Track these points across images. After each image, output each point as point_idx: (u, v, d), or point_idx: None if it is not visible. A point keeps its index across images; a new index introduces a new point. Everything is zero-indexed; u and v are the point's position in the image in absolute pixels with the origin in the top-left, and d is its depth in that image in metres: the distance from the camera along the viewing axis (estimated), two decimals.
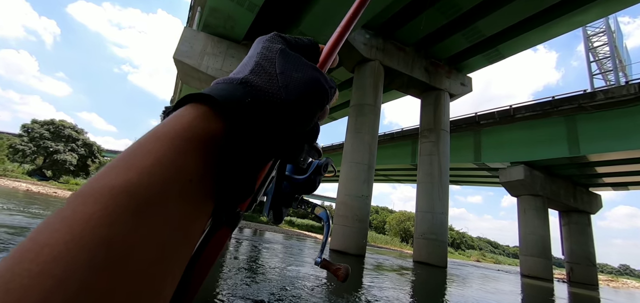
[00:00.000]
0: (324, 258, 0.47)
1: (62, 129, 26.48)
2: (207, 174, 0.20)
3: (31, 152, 24.41)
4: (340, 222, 11.43)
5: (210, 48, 11.31)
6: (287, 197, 0.42)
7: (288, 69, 0.25)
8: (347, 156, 12.11)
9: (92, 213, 0.14)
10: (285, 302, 3.13)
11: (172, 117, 0.20)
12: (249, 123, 0.22)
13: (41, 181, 22.26)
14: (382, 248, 27.06)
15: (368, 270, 7.32)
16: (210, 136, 0.20)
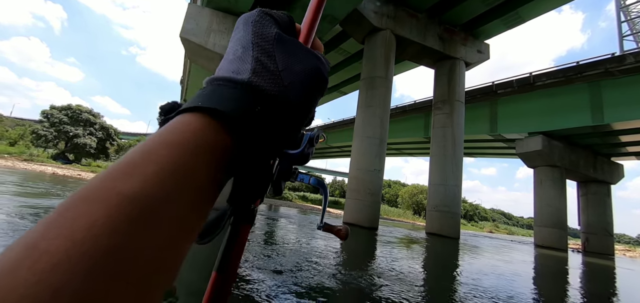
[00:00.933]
0: (325, 222, 0.49)
1: (79, 113, 27.26)
2: (214, 183, 0.20)
3: (53, 137, 25.37)
4: (352, 196, 11.55)
5: (215, 25, 11.14)
6: (286, 172, 0.40)
7: (289, 62, 0.25)
8: (358, 131, 12.02)
9: (95, 220, 0.13)
10: (303, 272, 3.24)
11: (179, 124, 0.20)
12: (261, 133, 0.22)
13: (65, 164, 23.27)
14: (395, 221, 27.36)
15: (381, 242, 7.45)
16: (220, 147, 0.20)
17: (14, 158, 21.03)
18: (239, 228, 0.32)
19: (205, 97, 0.21)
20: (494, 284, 4.09)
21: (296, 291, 2.62)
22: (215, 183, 0.20)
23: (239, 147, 0.21)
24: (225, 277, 0.32)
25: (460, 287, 3.80)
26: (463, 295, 3.28)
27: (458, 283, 4.13)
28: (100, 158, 27.85)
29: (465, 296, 3.25)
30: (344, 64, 17.80)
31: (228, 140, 0.20)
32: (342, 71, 18.41)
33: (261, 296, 2.41)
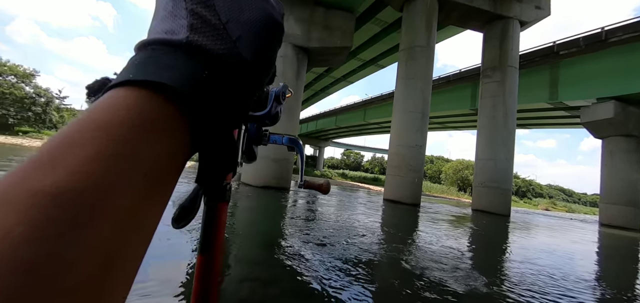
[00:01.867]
0: (305, 180, 0.49)
1: None
2: (165, 164, 0.17)
3: None
4: (393, 173, 11.31)
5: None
6: (256, 135, 0.41)
7: (233, 12, 0.20)
8: (398, 105, 11.56)
9: (11, 228, 0.11)
10: (345, 245, 3.30)
11: (110, 102, 0.16)
12: (214, 102, 0.19)
13: None
14: (438, 197, 26.41)
15: (423, 218, 7.26)
16: (165, 124, 0.17)
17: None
18: (215, 207, 0.31)
19: (138, 66, 0.18)
20: (550, 263, 3.78)
21: (340, 264, 2.68)
22: (169, 164, 0.17)
23: (190, 121, 0.18)
24: (210, 257, 0.32)
25: (511, 264, 3.58)
26: (514, 273, 3.09)
27: (508, 260, 3.89)
28: None
29: (516, 274, 3.05)
30: (381, 35, 16.99)
31: (175, 115, 0.17)
32: (380, 43, 17.61)
33: (308, 267, 2.51)
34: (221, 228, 0.32)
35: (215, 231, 0.31)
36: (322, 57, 12.53)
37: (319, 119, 37.66)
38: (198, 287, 0.32)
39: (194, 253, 2.60)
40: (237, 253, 2.76)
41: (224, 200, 0.31)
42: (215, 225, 0.31)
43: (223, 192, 0.30)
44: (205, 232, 0.31)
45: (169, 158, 0.17)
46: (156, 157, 0.16)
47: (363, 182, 37.19)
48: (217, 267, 0.32)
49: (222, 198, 0.31)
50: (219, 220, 0.32)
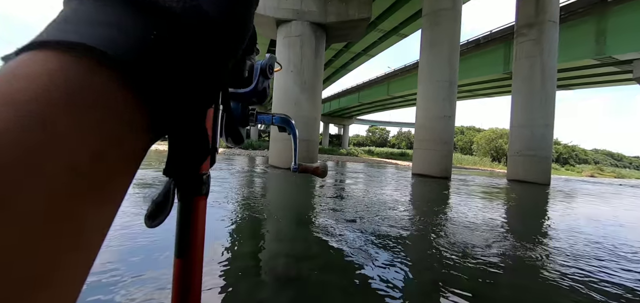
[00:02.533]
0: (300, 163, 0.45)
1: None
2: (108, 155, 0.13)
3: None
4: (421, 146, 10.97)
5: None
6: (242, 116, 0.37)
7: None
8: (423, 75, 11.03)
9: None
10: (375, 221, 3.26)
11: (24, 67, 0.12)
12: (169, 73, 0.14)
13: (164, 141, 27.46)
14: (470, 169, 25.39)
15: (454, 190, 7.00)
16: (108, 100, 0.13)
17: None
18: (191, 201, 0.27)
19: (62, 23, 0.13)
20: (598, 233, 3.49)
21: (372, 238, 2.65)
22: (114, 154, 0.13)
23: (141, 97, 0.14)
24: (188, 261, 0.28)
25: (554, 232, 3.35)
26: (558, 243, 2.88)
27: (550, 228, 3.65)
28: None
29: (561, 243, 2.85)
30: (402, 1, 16.06)
31: (119, 88, 0.13)
32: (400, 10, 16.68)
33: (340, 242, 2.51)
34: (200, 226, 0.28)
35: (193, 230, 0.27)
36: (341, 31, 12.13)
37: (341, 97, 37.17)
38: (178, 297, 0.28)
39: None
40: (270, 230, 2.83)
41: (200, 194, 0.27)
42: (193, 223, 0.27)
43: (199, 184, 0.27)
44: (181, 231, 0.27)
45: (112, 145, 0.13)
46: (91, 144, 0.12)
47: (390, 158, 36.60)
48: (197, 271, 0.28)
49: (198, 192, 0.27)
50: (196, 217, 0.27)
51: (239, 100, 0.37)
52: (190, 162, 0.19)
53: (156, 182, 5.03)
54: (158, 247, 2.08)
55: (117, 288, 1.55)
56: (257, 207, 3.79)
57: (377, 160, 31.66)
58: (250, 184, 6.13)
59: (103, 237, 0.13)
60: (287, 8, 10.92)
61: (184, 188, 0.26)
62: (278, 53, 11.48)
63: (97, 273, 1.65)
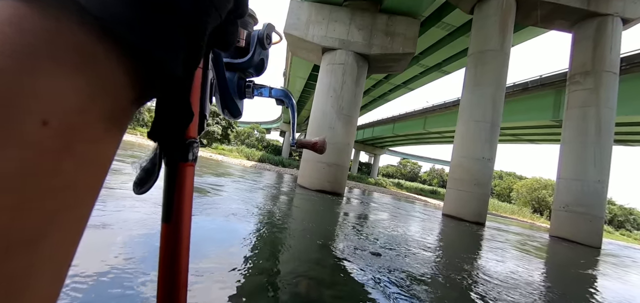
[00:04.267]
0: (298, 138, 0.45)
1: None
2: (87, 108, 0.12)
3: None
4: (454, 186, 10.54)
5: (314, 16, 11.68)
6: (238, 88, 0.36)
7: None
8: (464, 113, 10.76)
9: None
10: (401, 258, 3.20)
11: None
12: (141, 20, 0.13)
13: (201, 147, 29.20)
14: (507, 218, 23.62)
15: (488, 239, 6.59)
16: (79, 51, 0.12)
17: None
18: (177, 167, 0.27)
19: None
20: None
21: (395, 274, 2.61)
22: (90, 113, 0.12)
23: (120, 49, 0.13)
24: (175, 226, 0.27)
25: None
26: None
27: (606, 300, 3.30)
28: (224, 143, 33.65)
29: None
30: (447, 39, 16.03)
31: (92, 38, 0.12)
32: (445, 48, 16.62)
33: (363, 272, 2.50)
34: (187, 192, 0.28)
35: (180, 196, 0.27)
36: (383, 63, 12.36)
37: (376, 126, 37.03)
38: (164, 261, 0.27)
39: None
40: (294, 250, 2.89)
41: (186, 160, 0.27)
42: (180, 188, 0.27)
43: (185, 150, 0.26)
44: (167, 197, 0.27)
45: (90, 101, 0.12)
46: (64, 99, 0.11)
47: (420, 194, 35.29)
48: (184, 236, 0.28)
49: (184, 158, 0.27)
50: (183, 183, 0.27)
51: (235, 70, 0.35)
52: (174, 126, 0.19)
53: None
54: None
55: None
56: (280, 226, 3.87)
57: (406, 194, 30.69)
58: (275, 202, 6.27)
59: (91, 199, 0.13)
60: (334, 37, 11.43)
61: (170, 154, 0.26)
62: (320, 77, 11.92)
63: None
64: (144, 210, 2.99)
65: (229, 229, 3.05)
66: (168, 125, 0.19)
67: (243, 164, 22.71)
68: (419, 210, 12.35)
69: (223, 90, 0.34)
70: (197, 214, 3.38)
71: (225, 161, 21.18)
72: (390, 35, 11.39)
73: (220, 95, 0.34)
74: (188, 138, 0.26)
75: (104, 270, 1.61)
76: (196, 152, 0.27)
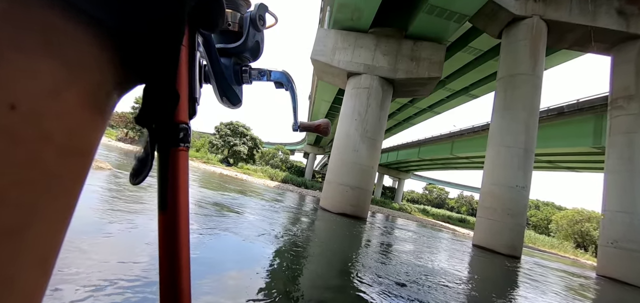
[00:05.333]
0: (301, 122, 0.44)
1: (237, 127, 34.78)
2: (62, 91, 0.12)
3: (221, 145, 33.35)
4: (485, 215, 10.00)
5: (340, 42, 12.04)
6: (235, 74, 0.35)
7: None
8: (494, 138, 10.37)
9: None
10: (428, 290, 3.07)
11: None
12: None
13: (227, 166, 30.09)
14: (546, 253, 21.79)
15: (525, 275, 6.11)
16: (48, 26, 0.11)
17: (198, 161, 28.80)
18: (169, 153, 0.26)
19: None
20: None
21: None
22: (72, 92, 0.12)
23: (90, 23, 0.13)
24: (172, 214, 0.26)
25: None
26: None
27: None
28: (249, 163, 34.53)
29: None
30: (474, 64, 15.76)
31: (50, 16, 0.11)
32: (472, 72, 16.32)
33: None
34: (181, 178, 0.26)
35: (175, 182, 0.26)
36: (409, 87, 12.34)
37: (400, 150, 36.45)
38: (164, 251, 0.27)
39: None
40: (314, 275, 2.86)
41: (178, 145, 0.26)
42: (174, 175, 0.26)
43: (175, 133, 0.25)
44: (161, 184, 0.26)
45: (64, 84, 0.12)
46: (35, 81, 0.10)
47: (447, 222, 33.67)
48: (183, 225, 0.27)
49: (175, 143, 0.26)
50: (176, 168, 0.26)
51: (229, 55, 0.34)
52: (160, 109, 0.19)
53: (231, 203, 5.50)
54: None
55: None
56: (301, 249, 3.84)
57: (432, 221, 29.42)
58: (297, 224, 6.26)
59: (76, 189, 0.13)
60: (359, 62, 11.66)
61: (160, 139, 0.25)
62: (345, 101, 12.09)
63: None
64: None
65: (250, 250, 3.10)
66: (154, 108, 0.19)
67: (266, 184, 23.06)
68: (447, 239, 11.77)
69: (218, 76, 0.33)
70: (220, 233, 3.47)
71: (249, 181, 21.65)
72: (416, 60, 11.42)
73: (216, 82, 0.33)
74: (178, 122, 0.25)
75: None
76: (188, 136, 0.27)
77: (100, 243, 2.20)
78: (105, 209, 3.23)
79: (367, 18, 11.21)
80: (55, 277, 1.47)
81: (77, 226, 2.32)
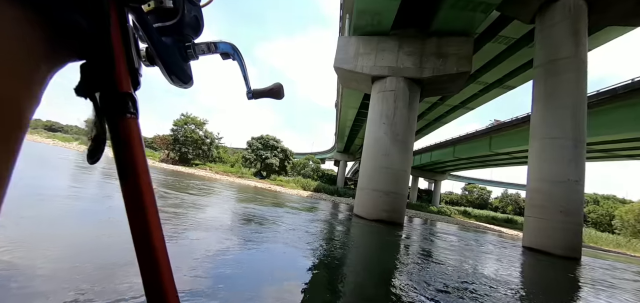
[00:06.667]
0: (254, 90, 0.44)
1: (268, 140, 35.78)
2: None
3: (253, 159, 34.47)
4: (534, 214, 9.25)
5: (362, 48, 12.01)
6: (179, 51, 0.35)
7: None
8: (536, 131, 9.65)
9: None
10: (475, 297, 2.90)
11: None
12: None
13: (261, 179, 30.96)
14: (612, 252, 19.49)
15: (588, 279, 5.53)
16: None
17: (233, 176, 29.97)
18: (119, 123, 0.25)
19: None
20: None
21: None
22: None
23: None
24: (133, 182, 0.26)
25: None
26: None
27: None
28: (281, 174, 35.25)
29: None
30: (506, 53, 14.84)
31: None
32: (505, 62, 15.38)
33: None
34: (136, 148, 0.26)
35: (130, 152, 0.26)
36: (437, 85, 11.94)
37: (434, 150, 35.08)
38: (133, 216, 0.26)
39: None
40: (352, 284, 2.82)
41: (125, 114, 0.25)
42: (128, 143, 0.26)
43: (121, 103, 0.25)
44: (116, 154, 0.26)
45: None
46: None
47: (492, 223, 31.56)
48: (146, 191, 0.27)
49: (122, 112, 0.25)
50: (129, 137, 0.26)
51: (170, 34, 0.34)
52: (97, 78, 0.19)
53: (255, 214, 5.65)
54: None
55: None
56: (337, 259, 3.80)
57: (475, 223, 27.74)
58: (332, 233, 6.24)
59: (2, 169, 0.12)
60: (383, 66, 11.54)
61: (108, 110, 0.25)
62: (371, 105, 11.98)
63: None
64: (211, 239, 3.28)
65: (286, 262, 3.14)
66: (91, 78, 0.19)
67: (300, 194, 23.35)
68: (493, 241, 11.03)
69: (162, 56, 0.33)
70: (258, 244, 3.57)
71: (283, 192, 22.06)
72: (442, 56, 11.04)
73: (162, 62, 0.34)
74: (121, 92, 0.25)
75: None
76: (135, 105, 0.26)
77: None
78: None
79: (387, 21, 11.10)
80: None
81: (127, 242, 2.53)
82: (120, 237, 2.61)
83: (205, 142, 34.49)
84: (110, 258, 2.08)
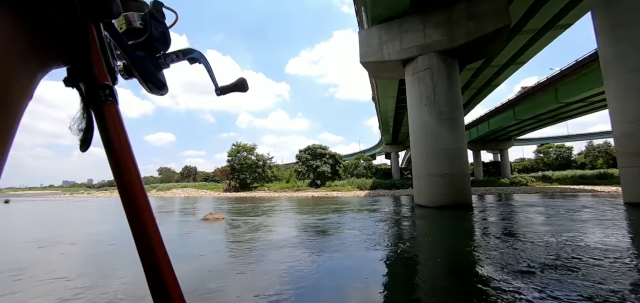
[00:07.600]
0: (220, 87, 0.47)
1: (315, 149, 36.55)
2: None
3: (305, 171, 35.46)
4: (629, 163, 7.95)
5: (384, 36, 11.65)
6: (152, 62, 0.41)
7: None
8: (608, 67, 8.34)
9: None
10: (565, 277, 2.64)
11: None
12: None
13: (316, 189, 31.65)
14: None
15: None
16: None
17: (290, 191, 31.17)
18: (103, 110, 0.29)
19: None
20: None
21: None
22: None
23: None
24: (118, 152, 0.30)
25: None
26: None
27: None
28: (334, 180, 35.59)
29: None
30: None
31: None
32: (551, 1, 13.47)
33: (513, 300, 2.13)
34: (118, 125, 0.30)
35: (113, 128, 0.30)
36: (476, 50, 10.99)
37: (490, 118, 32.01)
38: (117, 174, 0.30)
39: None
40: (424, 277, 2.77)
41: (106, 101, 0.30)
42: (111, 123, 0.30)
43: (103, 92, 0.29)
44: (103, 133, 0.29)
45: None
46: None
47: (580, 183, 27.48)
48: (129, 158, 0.30)
49: (104, 99, 0.29)
50: (111, 118, 0.30)
51: (143, 49, 0.40)
52: (81, 71, 0.24)
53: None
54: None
55: None
56: (406, 253, 3.71)
57: (560, 187, 24.45)
58: (397, 228, 6.13)
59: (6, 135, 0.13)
60: (410, 46, 11.05)
61: (92, 100, 0.29)
62: (408, 90, 11.54)
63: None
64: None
65: (359, 263, 3.24)
66: (77, 71, 0.24)
67: (357, 195, 23.26)
68: (585, 204, 9.68)
69: (138, 67, 0.38)
70: (329, 251, 3.72)
71: (340, 196, 22.19)
72: (475, 18, 10.14)
73: (138, 73, 0.39)
74: (102, 83, 0.30)
75: None
76: (114, 94, 0.31)
77: (236, 279, 2.70)
78: (231, 253, 3.89)
79: (405, 1, 10.61)
80: None
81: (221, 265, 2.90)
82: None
83: (258, 165, 36.55)
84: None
